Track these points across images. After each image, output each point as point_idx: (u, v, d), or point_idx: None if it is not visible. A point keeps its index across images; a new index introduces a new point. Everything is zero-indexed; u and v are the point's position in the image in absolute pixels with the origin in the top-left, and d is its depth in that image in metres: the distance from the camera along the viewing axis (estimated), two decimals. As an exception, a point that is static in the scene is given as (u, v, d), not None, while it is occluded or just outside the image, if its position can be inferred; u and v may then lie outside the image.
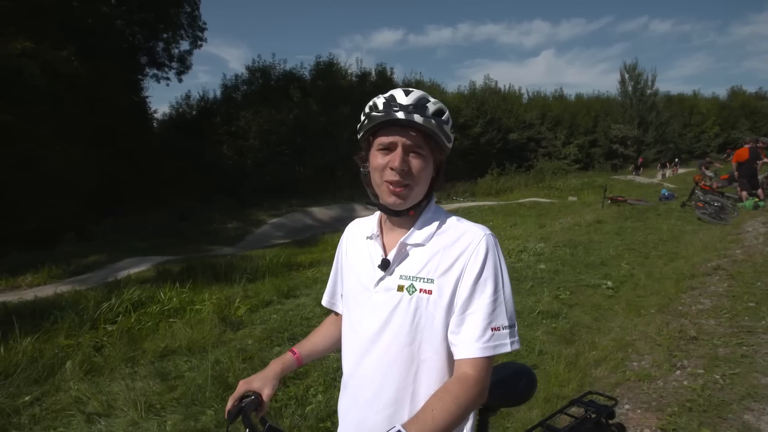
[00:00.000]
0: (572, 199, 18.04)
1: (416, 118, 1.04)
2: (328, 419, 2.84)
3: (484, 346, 1.01)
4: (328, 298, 1.39)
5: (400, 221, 1.16)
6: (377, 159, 1.09)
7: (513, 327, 1.06)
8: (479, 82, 33.21)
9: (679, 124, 37.63)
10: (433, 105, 1.08)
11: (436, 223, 1.14)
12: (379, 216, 1.22)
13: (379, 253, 1.15)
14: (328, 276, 1.40)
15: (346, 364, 1.21)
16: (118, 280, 7.29)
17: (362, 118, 1.12)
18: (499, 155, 28.54)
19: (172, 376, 3.64)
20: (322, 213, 17.26)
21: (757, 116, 40.48)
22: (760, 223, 8.65)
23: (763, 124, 39.09)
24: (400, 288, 1.09)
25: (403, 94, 1.08)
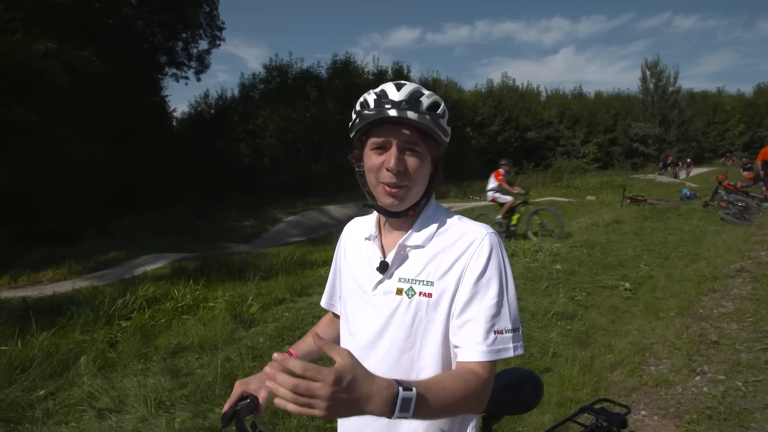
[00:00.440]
0: (590, 198, 17.73)
1: (410, 115, 0.98)
2: (336, 419, 2.81)
3: (488, 350, 0.96)
4: (327, 300, 1.36)
5: (398, 222, 1.11)
6: (371, 159, 1.04)
7: (517, 331, 1.00)
8: (497, 80, 32.93)
9: (702, 122, 36.79)
10: (427, 99, 1.03)
11: (436, 224, 1.09)
12: (377, 216, 1.18)
13: (378, 255, 1.11)
14: None
15: None
16: (135, 277, 7.39)
17: (353, 117, 1.07)
18: (516, 154, 28.20)
19: (183, 372, 3.66)
20: (338, 211, 17.27)
21: (784, 114, 39.33)
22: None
23: (791, 121, 38.01)
24: (399, 291, 1.05)
25: (395, 89, 1.02)
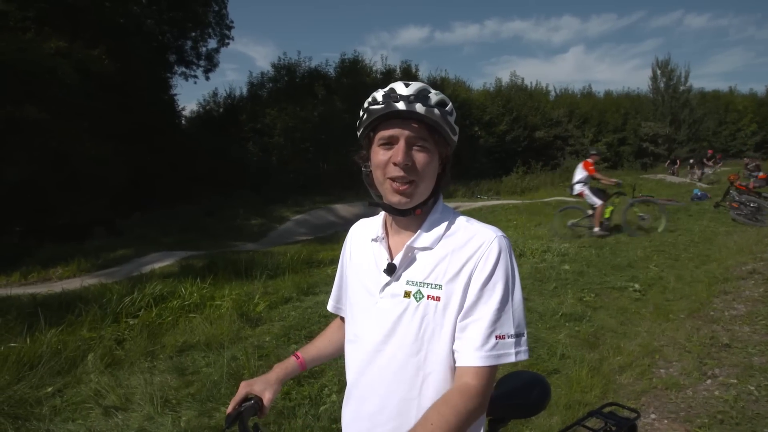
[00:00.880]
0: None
1: (418, 108, 0.97)
2: (342, 420, 2.80)
3: (487, 355, 0.95)
4: (334, 303, 1.34)
5: (406, 222, 1.09)
6: (378, 155, 1.03)
7: (520, 336, 0.98)
8: (505, 80, 32.76)
9: (713, 122, 36.37)
10: (435, 96, 1.02)
11: (445, 225, 1.07)
12: (384, 217, 1.16)
13: (385, 257, 1.09)
14: None
15: (350, 374, 1.15)
16: (143, 275, 7.43)
17: (361, 114, 1.06)
18: (524, 153, 28.10)
19: (190, 371, 3.66)
20: (346, 210, 17.28)
21: (797, 114, 38.75)
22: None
23: (805, 121, 37.44)
24: (407, 294, 1.03)
25: (403, 85, 1.01)
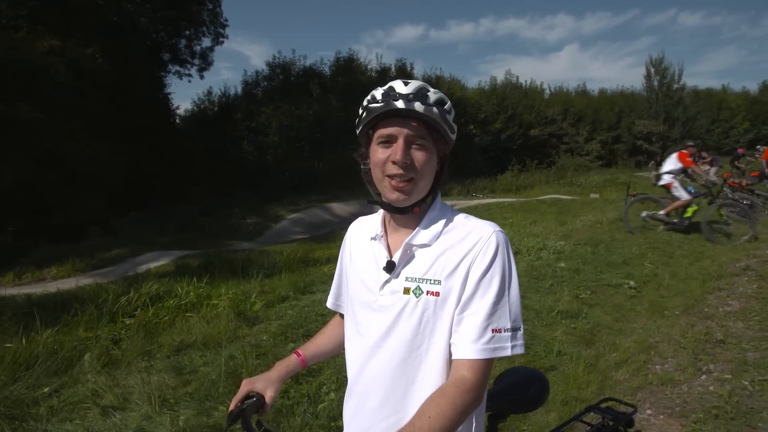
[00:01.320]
0: (594, 196, 17.68)
1: (417, 107, 0.98)
2: (340, 418, 2.78)
3: (483, 348, 0.96)
4: (333, 300, 1.35)
5: (404, 220, 1.10)
6: (377, 153, 1.04)
7: (517, 330, 1.00)
8: (500, 78, 32.82)
9: (706, 120, 36.54)
10: (433, 94, 1.03)
11: (443, 222, 1.08)
12: (382, 215, 1.17)
13: (384, 255, 1.10)
14: None
15: (351, 370, 1.16)
16: (138, 274, 7.40)
17: (360, 112, 1.07)
18: (519, 151, 28.14)
19: (187, 370, 3.66)
20: (341, 209, 17.29)
21: (789, 111, 39.06)
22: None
23: (797, 119, 37.73)
24: (407, 291, 1.04)
25: (402, 84, 1.02)
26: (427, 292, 1.02)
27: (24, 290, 7.16)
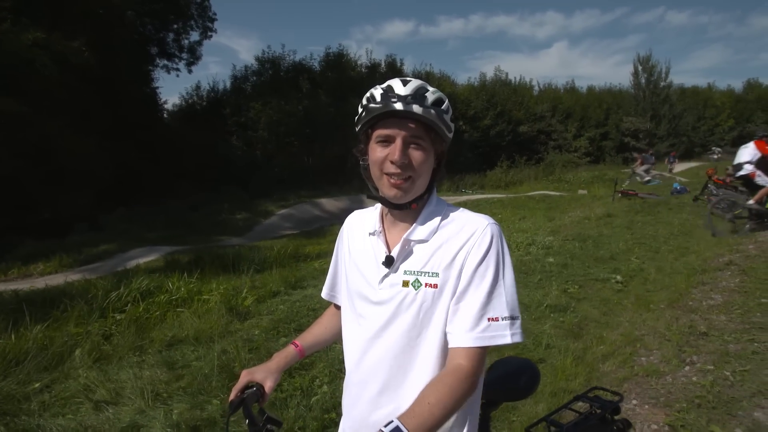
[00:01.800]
0: (582, 192, 17.87)
1: (415, 109, 1.01)
2: (333, 410, 2.84)
3: (479, 336, 1.00)
4: (328, 291, 1.38)
5: (402, 215, 1.14)
6: (376, 152, 1.07)
7: (515, 319, 1.04)
8: (490, 74, 32.96)
9: (692, 117, 37.04)
10: (432, 94, 1.05)
11: (439, 217, 1.12)
12: (380, 210, 1.20)
13: (383, 250, 1.13)
14: None
15: (350, 360, 1.19)
16: (128, 270, 7.36)
17: (360, 111, 1.09)
18: (508, 148, 28.33)
19: (179, 365, 3.66)
20: (331, 204, 17.29)
21: (773, 109, 39.69)
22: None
23: (780, 116, 38.33)
24: (405, 283, 1.08)
25: (401, 84, 1.05)
26: (426, 285, 1.06)
27: (10, 286, 7.09)
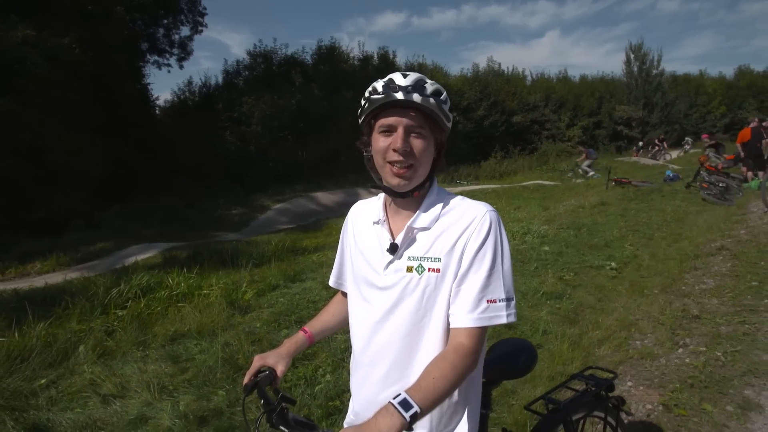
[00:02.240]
0: (576, 181, 17.97)
1: (415, 98, 1.06)
2: (337, 398, 2.91)
3: (479, 317, 1.06)
4: (335, 279, 1.43)
5: (405, 203, 1.19)
6: (379, 142, 1.12)
7: (510, 300, 1.10)
8: (482, 65, 32.85)
9: (684, 105, 37.18)
10: (431, 86, 1.11)
11: (440, 205, 1.17)
12: (383, 200, 1.25)
13: (387, 238, 1.19)
14: (333, 260, 1.44)
15: (357, 343, 1.25)
16: (126, 267, 7.37)
17: (362, 103, 1.14)
18: (502, 138, 28.32)
19: (183, 358, 3.72)
20: (326, 198, 17.28)
21: (764, 95, 39.77)
22: (765, 204, 8.62)
23: (771, 103, 38.54)
24: (410, 269, 1.13)
25: (401, 76, 1.10)
26: (429, 269, 1.12)
27: (9, 285, 7.10)
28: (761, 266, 5.27)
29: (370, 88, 1.13)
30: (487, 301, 1.08)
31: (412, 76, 1.10)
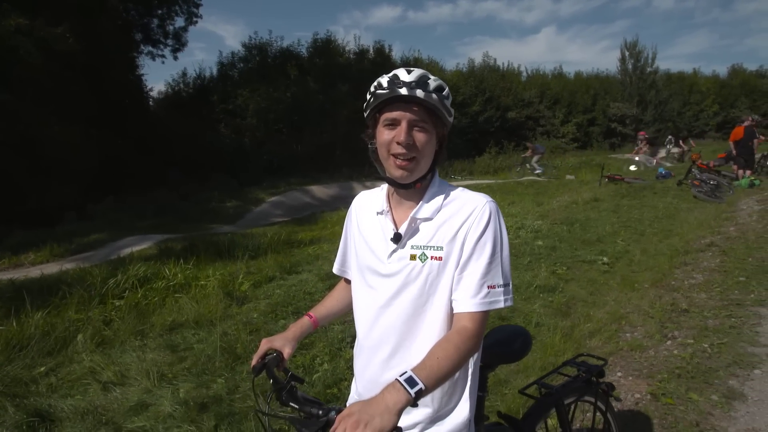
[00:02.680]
0: (570, 177, 18.10)
1: (419, 93, 1.12)
2: (335, 386, 2.98)
3: (481, 302, 1.13)
4: (339, 266, 1.49)
5: (407, 194, 1.24)
6: (383, 135, 1.17)
7: (507, 285, 1.17)
8: (478, 60, 32.86)
9: (678, 103, 37.38)
10: (433, 82, 1.16)
11: (442, 196, 1.23)
12: (387, 191, 1.31)
13: (391, 228, 1.24)
14: (329, 253, 1.50)
15: (361, 328, 1.30)
16: (122, 258, 7.38)
17: (368, 97, 1.20)
18: (497, 133, 28.40)
19: (182, 347, 3.76)
20: (321, 191, 17.29)
21: (756, 94, 40.09)
22: (755, 201, 8.79)
23: (763, 102, 38.68)
24: (413, 257, 1.19)
25: (406, 72, 1.15)
26: (432, 258, 1.18)
27: (3, 276, 7.09)
28: (749, 262, 5.39)
29: (376, 83, 1.18)
30: (488, 287, 1.14)
31: (416, 73, 1.15)
